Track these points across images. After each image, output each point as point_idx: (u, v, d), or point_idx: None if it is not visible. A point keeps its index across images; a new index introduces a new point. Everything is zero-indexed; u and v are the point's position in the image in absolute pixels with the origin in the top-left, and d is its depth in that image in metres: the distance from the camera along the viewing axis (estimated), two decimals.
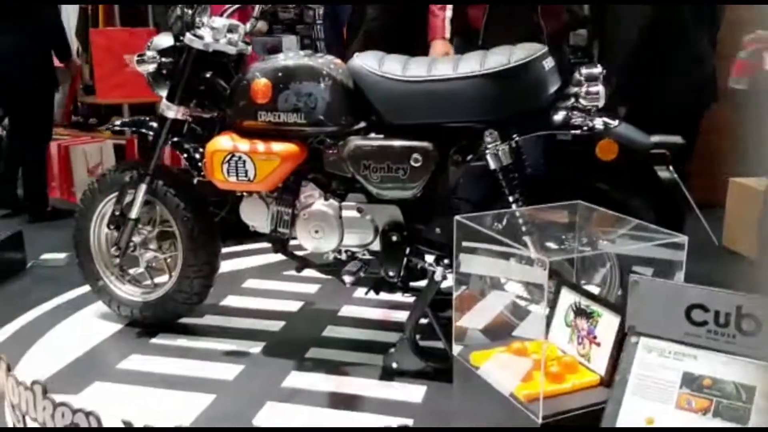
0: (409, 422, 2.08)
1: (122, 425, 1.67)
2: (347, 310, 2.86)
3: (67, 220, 4.38)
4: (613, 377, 1.70)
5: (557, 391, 1.70)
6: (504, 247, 1.75)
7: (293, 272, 3.25)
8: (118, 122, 2.88)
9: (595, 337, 1.78)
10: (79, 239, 2.71)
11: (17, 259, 3.62)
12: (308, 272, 3.16)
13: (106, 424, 1.69)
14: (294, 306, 2.92)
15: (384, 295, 2.79)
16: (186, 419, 2.06)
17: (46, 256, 3.68)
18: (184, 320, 2.72)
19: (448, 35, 2.73)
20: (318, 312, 2.87)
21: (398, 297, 2.77)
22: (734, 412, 1.26)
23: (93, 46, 4.86)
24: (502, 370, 1.81)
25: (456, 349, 1.94)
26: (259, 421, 2.08)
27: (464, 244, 1.82)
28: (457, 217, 1.84)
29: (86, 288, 3.07)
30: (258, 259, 3.42)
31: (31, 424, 1.85)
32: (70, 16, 5.96)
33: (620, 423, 1.34)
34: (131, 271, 2.75)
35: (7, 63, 4.12)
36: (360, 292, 2.97)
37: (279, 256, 3.41)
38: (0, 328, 2.74)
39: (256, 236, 3.20)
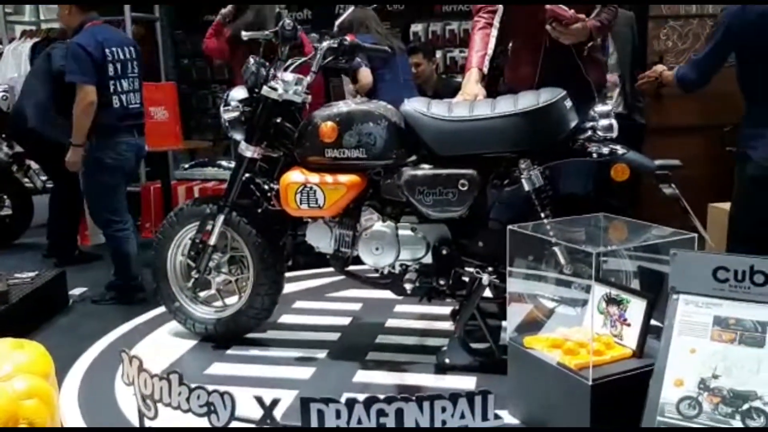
0: None
1: (254, 400, 2.04)
2: (393, 323, 3.26)
3: (91, 263, 4.74)
4: (644, 348, 2.14)
5: (600, 362, 2.13)
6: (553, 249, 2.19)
7: (335, 293, 3.68)
8: (186, 165, 3.28)
9: (625, 320, 2.22)
10: (158, 265, 3.08)
11: (61, 297, 3.96)
12: (349, 292, 3.60)
13: (238, 402, 2.06)
14: (344, 321, 3.31)
15: (422, 309, 3.21)
16: (280, 409, 2.41)
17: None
18: (251, 335, 3.08)
19: (485, 69, 2.95)
20: (367, 325, 3.26)
21: (435, 310, 3.19)
22: (753, 340, 1.74)
23: None
24: (551, 349, 2.23)
25: (509, 336, 2.36)
26: None
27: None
28: (510, 227, 2.28)
29: (139, 320, 3.43)
30: (301, 284, 3.82)
31: (163, 410, 2.20)
32: None
33: (672, 354, 1.79)
34: (202, 293, 3.12)
35: (40, 120, 4.52)
36: (400, 307, 3.38)
37: (321, 281, 3.85)
38: (78, 354, 3.04)
39: (294, 268, 3.63)
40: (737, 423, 1.66)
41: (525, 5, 2.96)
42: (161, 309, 3.26)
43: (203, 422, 2.10)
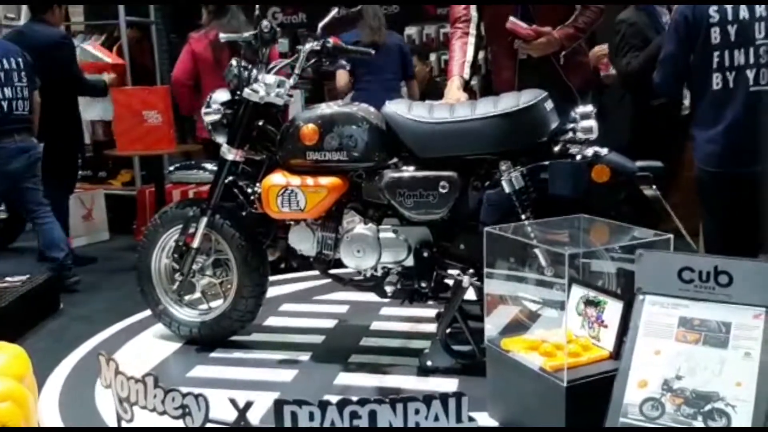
0: None
1: (228, 402, 2.04)
2: (377, 325, 3.25)
3: (85, 266, 4.74)
4: (620, 350, 2.13)
5: (576, 363, 2.12)
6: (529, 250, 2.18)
7: (323, 296, 3.68)
8: (171, 167, 3.28)
9: (602, 322, 2.21)
10: (142, 269, 3.08)
11: (52, 301, 3.96)
12: (337, 295, 3.60)
13: (212, 403, 2.05)
14: (329, 323, 3.30)
15: (408, 311, 3.20)
16: (261, 411, 2.41)
17: None
18: (235, 338, 3.08)
19: (466, 75, 3.01)
20: (352, 327, 3.26)
21: (421, 312, 3.19)
22: (717, 341, 1.73)
23: (114, 103, 5.27)
24: (529, 351, 2.23)
25: (487, 338, 2.35)
26: None
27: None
28: (487, 229, 2.27)
29: (125, 323, 3.43)
30: (289, 287, 3.82)
31: (139, 412, 2.20)
32: None
33: (636, 355, 1.78)
34: (186, 297, 3.12)
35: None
36: (386, 309, 3.38)
37: (307, 284, 3.85)
38: (65, 358, 3.04)
39: (287, 270, 3.62)
40: (699, 424, 1.65)
41: (495, 13, 2.96)
42: (147, 312, 3.26)
43: (179, 424, 2.10)
